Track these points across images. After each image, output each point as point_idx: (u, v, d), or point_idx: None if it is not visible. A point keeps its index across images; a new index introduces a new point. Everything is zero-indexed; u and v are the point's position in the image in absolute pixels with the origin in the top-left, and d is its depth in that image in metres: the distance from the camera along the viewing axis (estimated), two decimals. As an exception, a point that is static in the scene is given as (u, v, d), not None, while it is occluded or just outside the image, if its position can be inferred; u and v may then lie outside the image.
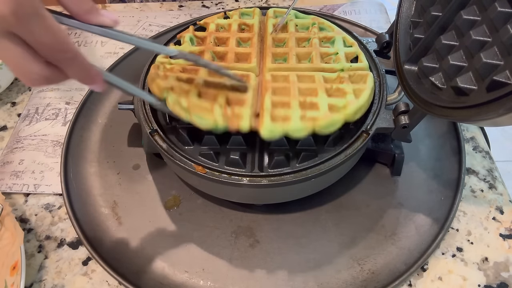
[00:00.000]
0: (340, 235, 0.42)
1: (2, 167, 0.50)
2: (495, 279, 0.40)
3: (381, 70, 0.44)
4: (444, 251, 0.42)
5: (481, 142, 0.50)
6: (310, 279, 0.40)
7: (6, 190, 0.47)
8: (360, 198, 0.45)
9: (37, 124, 0.54)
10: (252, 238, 0.43)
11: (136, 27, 0.66)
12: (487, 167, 0.47)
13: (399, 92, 0.43)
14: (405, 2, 0.43)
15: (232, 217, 0.44)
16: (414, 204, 0.44)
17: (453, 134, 0.48)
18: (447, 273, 0.40)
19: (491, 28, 0.31)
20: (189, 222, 0.44)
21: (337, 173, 0.42)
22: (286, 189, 0.40)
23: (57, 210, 0.46)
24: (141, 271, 0.41)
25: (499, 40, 0.30)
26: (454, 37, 0.35)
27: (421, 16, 0.41)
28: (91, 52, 0.62)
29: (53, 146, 0.51)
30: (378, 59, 0.45)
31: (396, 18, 0.44)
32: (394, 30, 0.44)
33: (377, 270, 0.40)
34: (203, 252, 0.42)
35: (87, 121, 0.52)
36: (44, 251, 0.43)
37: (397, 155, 0.44)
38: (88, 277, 0.41)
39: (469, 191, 0.46)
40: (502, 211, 0.44)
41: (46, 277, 0.42)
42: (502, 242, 0.42)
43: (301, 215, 0.44)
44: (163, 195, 0.46)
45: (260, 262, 0.41)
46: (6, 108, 0.57)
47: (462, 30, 0.34)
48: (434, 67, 0.37)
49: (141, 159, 0.49)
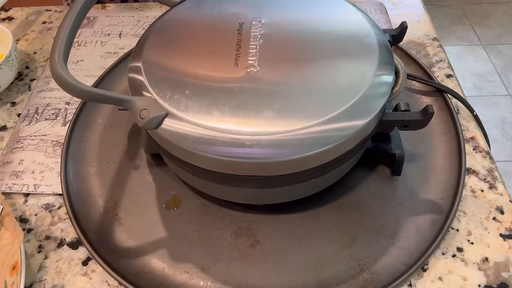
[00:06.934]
0: (340, 235, 0.42)
1: (2, 167, 0.50)
2: (496, 279, 0.40)
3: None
4: (444, 251, 0.42)
5: (481, 142, 0.50)
6: (310, 279, 0.40)
7: (6, 190, 0.47)
8: (360, 198, 0.45)
9: (37, 124, 0.54)
10: (252, 238, 0.43)
11: (136, 27, 0.66)
12: (487, 167, 0.47)
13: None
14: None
15: (232, 217, 0.44)
16: (414, 204, 0.44)
17: (453, 134, 0.48)
18: (447, 273, 0.40)
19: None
20: (189, 222, 0.44)
21: (337, 173, 0.42)
22: (286, 189, 0.40)
23: (57, 210, 0.46)
24: (141, 272, 0.41)
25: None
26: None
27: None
28: (91, 52, 0.62)
29: (53, 146, 0.51)
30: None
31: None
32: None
33: (377, 270, 0.40)
34: (203, 252, 0.42)
35: (87, 121, 0.52)
36: (44, 251, 0.43)
37: (397, 155, 0.44)
38: (88, 277, 0.41)
39: (469, 191, 0.46)
40: (502, 211, 0.44)
41: (46, 277, 0.42)
42: (502, 242, 0.42)
43: (301, 215, 0.44)
44: (163, 195, 0.46)
45: (260, 262, 0.41)
46: (6, 108, 0.57)
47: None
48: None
49: (141, 159, 0.49)
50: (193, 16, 0.44)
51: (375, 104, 0.37)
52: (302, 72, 0.39)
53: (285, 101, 0.37)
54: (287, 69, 0.39)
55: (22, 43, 0.66)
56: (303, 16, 0.43)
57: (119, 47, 0.63)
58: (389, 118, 0.39)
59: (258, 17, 0.43)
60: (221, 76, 0.39)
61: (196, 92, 0.38)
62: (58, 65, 0.34)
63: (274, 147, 0.35)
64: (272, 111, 0.36)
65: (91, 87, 0.36)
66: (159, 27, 0.44)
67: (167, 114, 0.36)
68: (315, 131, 0.35)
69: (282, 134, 0.35)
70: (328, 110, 0.36)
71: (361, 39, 0.41)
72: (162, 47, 0.42)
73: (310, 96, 0.37)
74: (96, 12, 0.69)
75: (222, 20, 0.43)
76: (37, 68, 0.62)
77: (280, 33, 0.42)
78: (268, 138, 0.35)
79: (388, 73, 0.39)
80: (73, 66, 0.61)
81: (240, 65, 0.39)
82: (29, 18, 0.70)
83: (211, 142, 0.35)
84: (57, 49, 0.36)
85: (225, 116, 0.36)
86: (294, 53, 0.40)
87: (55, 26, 0.69)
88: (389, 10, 0.66)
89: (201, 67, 0.40)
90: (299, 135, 0.35)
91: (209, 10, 0.44)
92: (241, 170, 0.36)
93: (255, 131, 0.35)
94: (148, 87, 0.38)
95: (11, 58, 0.56)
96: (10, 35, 0.57)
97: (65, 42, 0.36)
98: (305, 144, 0.35)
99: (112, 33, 0.65)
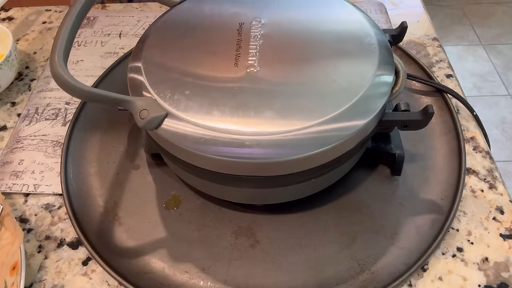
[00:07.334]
0: (340, 235, 0.42)
1: (2, 167, 0.50)
2: (496, 279, 0.40)
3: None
4: (444, 251, 0.42)
5: (481, 142, 0.50)
6: (310, 279, 0.40)
7: (6, 190, 0.47)
8: (360, 198, 0.45)
9: (37, 124, 0.54)
10: (252, 238, 0.43)
11: (136, 27, 0.66)
12: (487, 167, 0.47)
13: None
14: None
15: (232, 217, 0.44)
16: (414, 204, 0.44)
17: (453, 134, 0.48)
18: (447, 273, 0.40)
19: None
20: (189, 222, 0.44)
21: (337, 173, 0.42)
22: (286, 189, 0.40)
23: (57, 210, 0.46)
24: (141, 272, 0.41)
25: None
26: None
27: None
28: (91, 52, 0.62)
29: (53, 146, 0.51)
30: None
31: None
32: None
33: (377, 270, 0.40)
34: (203, 252, 0.42)
35: (87, 121, 0.52)
36: (44, 251, 0.43)
37: (397, 155, 0.44)
38: (88, 277, 0.41)
39: (469, 191, 0.46)
40: (502, 211, 0.44)
41: (46, 277, 0.42)
42: (502, 242, 0.42)
43: (301, 215, 0.44)
44: (163, 195, 0.46)
45: (260, 262, 0.41)
46: (6, 108, 0.57)
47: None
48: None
49: (141, 159, 0.49)
50: (193, 16, 0.44)
51: (375, 104, 0.37)
52: (302, 72, 0.39)
53: (285, 101, 0.37)
54: (287, 69, 0.39)
55: (22, 43, 0.66)
56: (303, 16, 0.43)
57: (119, 47, 0.63)
58: (389, 118, 0.39)
59: (258, 17, 0.43)
60: (221, 76, 0.39)
61: (196, 92, 0.38)
62: (58, 65, 0.34)
63: (274, 147, 0.35)
64: (272, 111, 0.36)
65: (91, 87, 0.36)
66: (159, 27, 0.44)
67: (167, 114, 0.36)
68: (315, 131, 0.35)
69: (282, 134, 0.35)
70: (328, 110, 0.36)
71: (361, 39, 0.41)
72: (162, 47, 0.42)
73: (310, 96, 0.37)
74: (96, 12, 0.69)
75: (222, 20, 0.43)
76: (37, 68, 0.62)
77: (280, 33, 0.42)
78: (268, 138, 0.35)
79: (388, 73, 0.39)
80: (73, 66, 0.61)
81: (240, 65, 0.39)
82: (29, 18, 0.70)
83: (211, 142, 0.35)
84: (57, 49, 0.36)
85: (225, 116, 0.36)
86: (294, 53, 0.40)
87: (55, 26, 0.69)
88: (389, 10, 0.66)
89: (201, 67, 0.40)
90: (299, 135, 0.35)
91: (209, 10, 0.44)
92: (241, 170, 0.36)
93: (255, 131, 0.35)
94: (148, 87, 0.38)
95: (11, 58, 0.56)
96: (10, 35, 0.57)
97: (65, 42, 0.36)
98: (305, 144, 0.35)
99: (112, 33, 0.65)
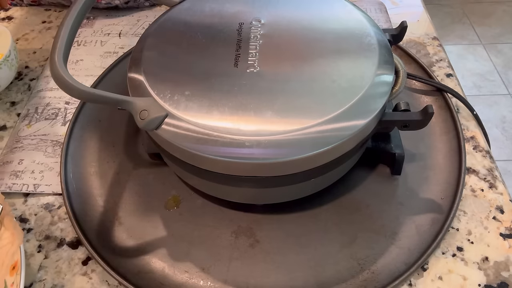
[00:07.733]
0: (340, 235, 0.42)
1: (2, 167, 0.49)
2: (496, 279, 0.40)
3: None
4: (444, 250, 0.42)
5: (481, 142, 0.50)
6: (310, 279, 0.40)
7: (6, 190, 0.47)
8: (360, 197, 0.45)
9: (36, 123, 0.54)
10: (252, 238, 0.43)
11: (136, 27, 0.66)
12: (487, 166, 0.47)
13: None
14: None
15: (232, 217, 0.44)
16: (414, 203, 0.44)
17: (453, 133, 0.48)
18: (447, 273, 0.40)
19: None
20: (189, 222, 0.44)
21: (337, 172, 0.42)
22: (286, 189, 0.40)
23: (56, 210, 0.46)
24: (141, 271, 0.41)
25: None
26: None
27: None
28: (91, 52, 0.62)
29: (53, 146, 0.51)
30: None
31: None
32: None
33: (377, 270, 0.40)
34: (203, 252, 0.42)
35: (87, 121, 0.52)
36: (43, 251, 0.43)
37: (397, 155, 0.44)
38: (88, 277, 0.41)
39: (469, 190, 0.46)
40: (502, 210, 0.44)
41: (46, 277, 0.42)
42: (503, 241, 0.42)
43: (301, 215, 0.44)
44: (163, 195, 0.46)
45: (260, 262, 0.41)
46: (6, 107, 0.57)
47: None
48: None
49: (141, 159, 0.49)
50: (192, 16, 0.44)
51: (375, 104, 0.37)
52: (302, 72, 0.39)
53: (285, 101, 0.37)
54: (287, 69, 0.39)
55: (22, 43, 0.66)
56: (303, 16, 0.43)
57: (118, 46, 0.63)
58: (389, 118, 0.39)
59: (257, 17, 0.43)
60: (221, 76, 0.39)
61: (196, 93, 0.37)
62: (58, 65, 0.34)
63: (274, 148, 0.35)
64: (272, 111, 0.36)
65: (90, 88, 0.36)
66: (159, 27, 0.44)
67: (167, 114, 0.36)
68: (315, 132, 0.35)
69: (282, 134, 0.35)
70: (328, 110, 0.36)
71: (361, 38, 0.41)
72: (162, 47, 0.42)
73: (310, 96, 0.37)
74: (96, 12, 0.69)
75: (222, 21, 0.43)
76: (36, 68, 0.62)
77: (280, 33, 0.42)
78: (268, 139, 0.35)
79: (388, 72, 0.39)
80: (73, 66, 0.60)
81: (240, 65, 0.39)
82: (29, 17, 0.70)
83: (211, 143, 0.35)
84: (57, 49, 0.36)
85: (225, 116, 0.36)
86: (294, 53, 0.40)
87: (55, 25, 0.69)
88: (389, 10, 0.66)
89: (201, 67, 0.40)
90: (299, 136, 0.35)
91: (209, 10, 0.44)
92: (241, 170, 0.36)
93: (255, 132, 0.35)
94: (148, 87, 0.38)
95: (11, 57, 0.56)
96: (9, 35, 0.57)
97: (65, 42, 0.36)
98: (305, 144, 0.35)
99: (112, 32, 0.65)
